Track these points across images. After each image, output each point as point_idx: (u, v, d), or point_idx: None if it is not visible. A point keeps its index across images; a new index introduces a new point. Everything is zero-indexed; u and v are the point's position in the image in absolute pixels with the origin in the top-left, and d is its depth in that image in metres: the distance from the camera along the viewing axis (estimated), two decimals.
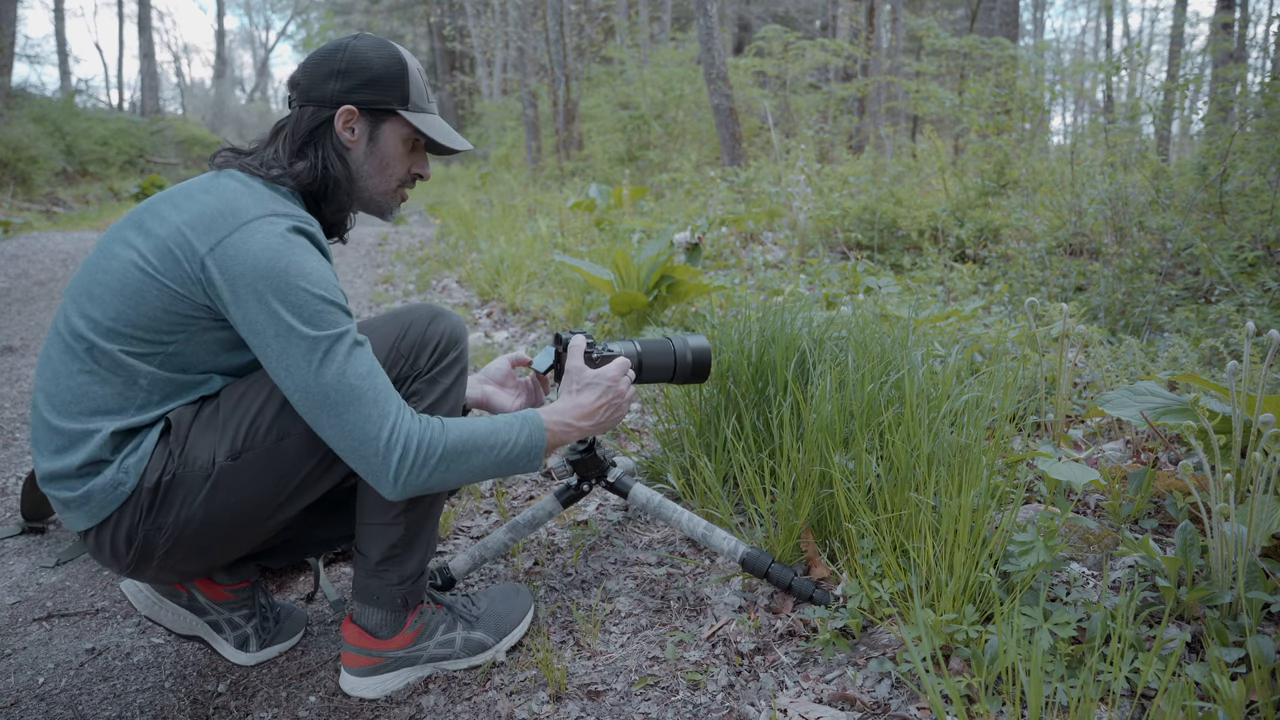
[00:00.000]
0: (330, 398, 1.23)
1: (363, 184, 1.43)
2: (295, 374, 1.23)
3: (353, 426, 1.24)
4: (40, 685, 1.53)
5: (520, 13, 14.02)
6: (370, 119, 1.40)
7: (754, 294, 3.61)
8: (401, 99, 1.40)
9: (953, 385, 1.85)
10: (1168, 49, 16.86)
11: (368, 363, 1.27)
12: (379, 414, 1.25)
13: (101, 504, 1.28)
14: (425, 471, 1.27)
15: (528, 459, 1.39)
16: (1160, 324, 3.42)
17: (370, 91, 1.38)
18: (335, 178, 1.40)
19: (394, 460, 1.25)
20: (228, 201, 1.28)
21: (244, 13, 55.93)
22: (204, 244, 1.24)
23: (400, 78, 1.39)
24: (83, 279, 1.32)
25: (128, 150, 17.14)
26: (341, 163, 1.40)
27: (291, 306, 1.22)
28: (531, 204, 8.98)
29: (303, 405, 1.25)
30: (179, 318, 1.27)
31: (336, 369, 1.23)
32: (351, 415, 1.24)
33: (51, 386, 1.30)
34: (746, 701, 1.37)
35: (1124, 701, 1.26)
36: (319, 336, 1.23)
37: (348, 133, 1.39)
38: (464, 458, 1.31)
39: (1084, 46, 33.28)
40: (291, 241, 1.25)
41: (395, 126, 1.41)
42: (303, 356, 1.22)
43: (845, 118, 12.13)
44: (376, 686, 1.47)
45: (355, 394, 1.24)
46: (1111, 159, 4.79)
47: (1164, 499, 1.75)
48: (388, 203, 1.47)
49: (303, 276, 1.23)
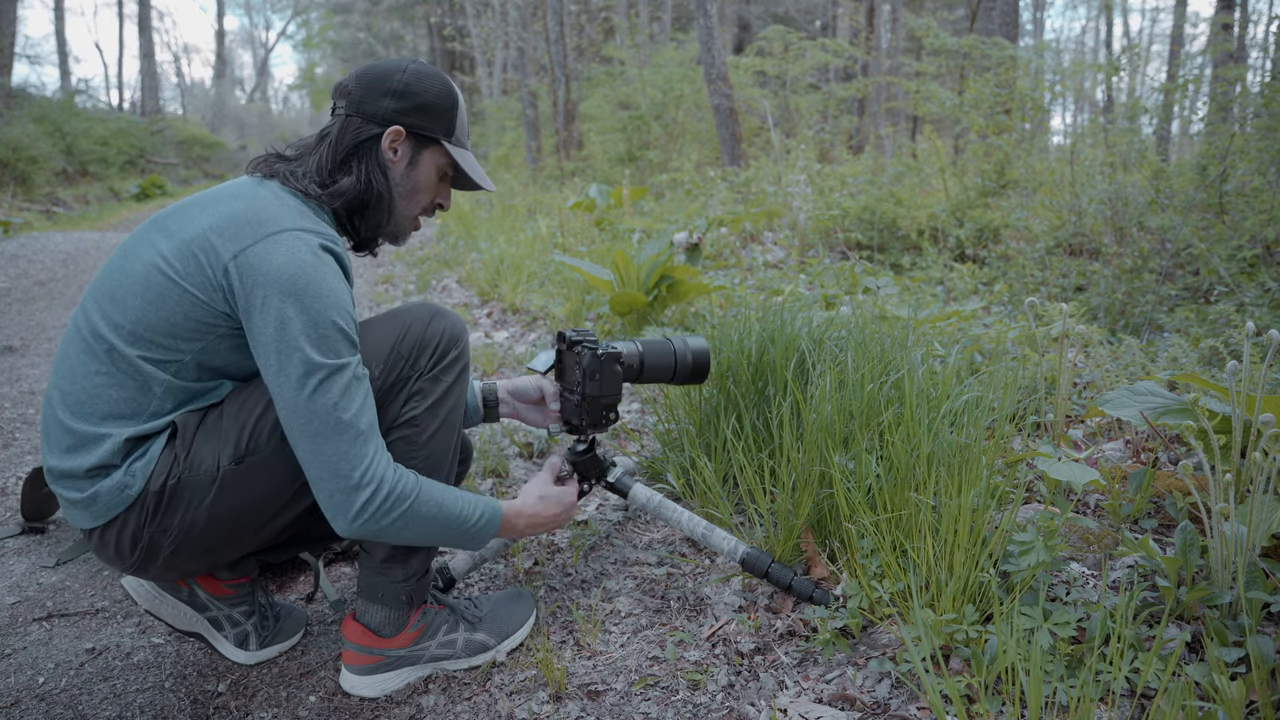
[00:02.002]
0: (313, 425, 1.24)
1: (392, 203, 1.45)
2: (285, 392, 1.23)
3: (327, 457, 1.25)
4: (40, 685, 1.53)
5: (520, 13, 14.01)
6: (414, 143, 1.43)
7: (754, 294, 3.61)
8: (447, 131, 1.44)
9: (953, 385, 1.85)
10: (1168, 49, 16.88)
11: (360, 399, 1.27)
12: (357, 453, 1.25)
13: (108, 506, 1.29)
14: (386, 520, 1.28)
15: (475, 540, 1.43)
16: (1160, 324, 3.43)
17: (421, 117, 1.41)
18: (378, 192, 1.42)
19: (359, 500, 1.25)
20: (257, 210, 1.28)
21: (244, 13, 55.95)
22: (228, 250, 1.24)
23: (450, 110, 1.43)
24: (106, 280, 1.33)
25: (128, 150, 17.16)
26: (384, 179, 1.42)
27: (302, 326, 1.22)
28: (531, 204, 8.97)
29: (287, 423, 1.25)
30: (199, 324, 1.27)
31: (329, 399, 1.23)
32: (329, 448, 1.24)
33: (67, 384, 1.31)
34: (746, 701, 1.37)
35: (1124, 701, 1.26)
36: (320, 363, 1.23)
37: (391, 152, 1.42)
38: (425, 522, 1.33)
39: (1084, 46, 33.28)
40: (319, 259, 1.26)
41: (435, 155, 1.45)
42: (298, 378, 1.22)
43: (845, 118, 12.14)
44: (377, 685, 1.47)
45: (339, 427, 1.24)
46: (1111, 159, 4.79)
47: (1164, 499, 1.75)
48: (406, 227, 1.50)
49: (319, 298, 1.23)
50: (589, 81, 14.19)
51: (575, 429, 1.67)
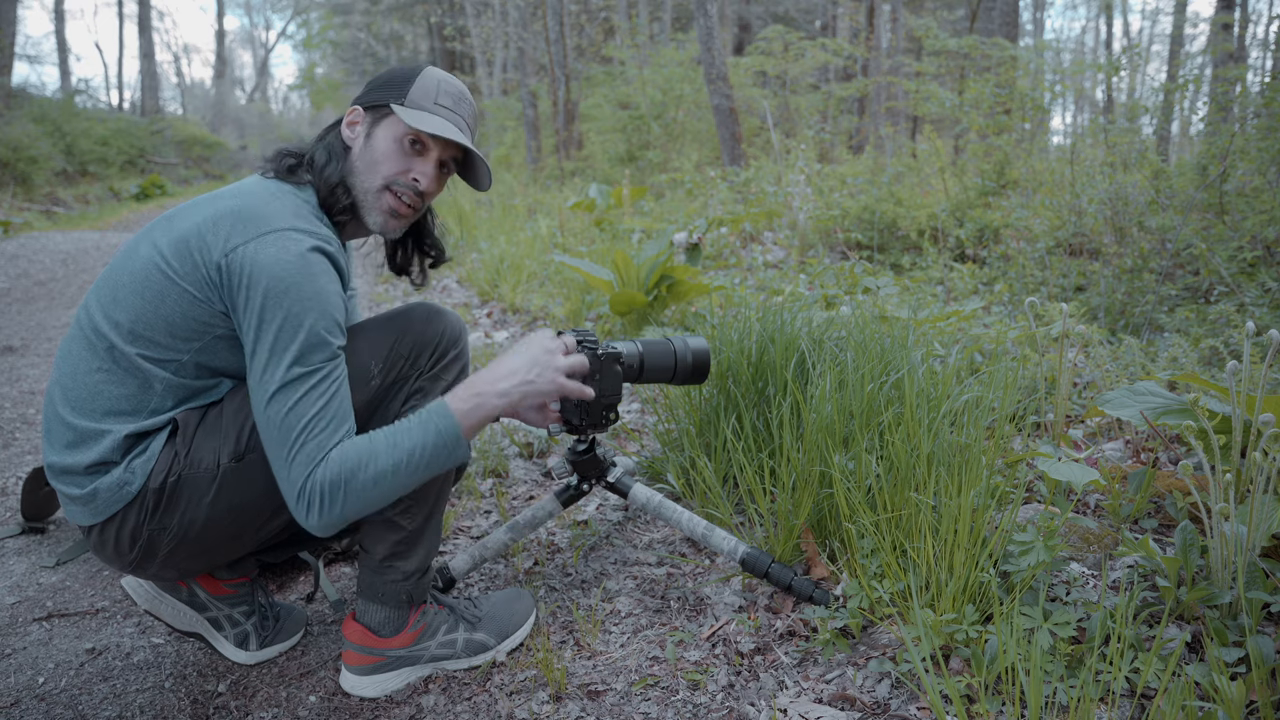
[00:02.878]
0: (271, 430, 1.23)
1: (351, 180, 1.41)
2: (256, 390, 1.24)
3: (278, 462, 1.24)
4: (40, 685, 1.53)
5: (520, 13, 14.01)
6: (371, 117, 1.42)
7: (754, 294, 3.60)
8: (399, 96, 1.39)
9: (952, 385, 1.85)
10: (1168, 49, 16.87)
11: (320, 401, 1.23)
12: (299, 464, 1.22)
13: (107, 502, 1.29)
14: (338, 508, 1.23)
15: (449, 451, 1.29)
16: (1160, 324, 3.43)
17: (377, 93, 1.42)
18: (337, 165, 1.39)
19: (304, 508, 1.23)
20: (252, 208, 1.28)
21: (244, 13, 55.96)
22: (219, 248, 1.24)
23: (407, 80, 1.40)
24: (109, 277, 1.33)
25: (128, 150, 17.16)
26: (345, 154, 1.41)
27: (278, 330, 1.22)
28: (531, 204, 8.97)
29: (258, 420, 1.25)
30: (197, 324, 1.27)
31: (287, 403, 1.22)
32: (276, 453, 1.23)
33: (69, 380, 1.31)
34: (746, 701, 1.37)
35: (1124, 701, 1.26)
36: (288, 373, 1.22)
37: (350, 129, 1.43)
38: (382, 479, 1.24)
39: (1084, 46, 33.27)
40: (307, 260, 1.25)
41: (391, 125, 1.40)
42: (271, 376, 1.22)
43: (845, 118, 12.14)
44: (377, 685, 1.47)
45: (285, 433, 1.22)
46: (1111, 159, 4.79)
47: (1164, 499, 1.75)
48: (371, 203, 1.40)
49: (300, 300, 1.22)
50: (589, 81, 14.18)
51: (575, 429, 1.67)
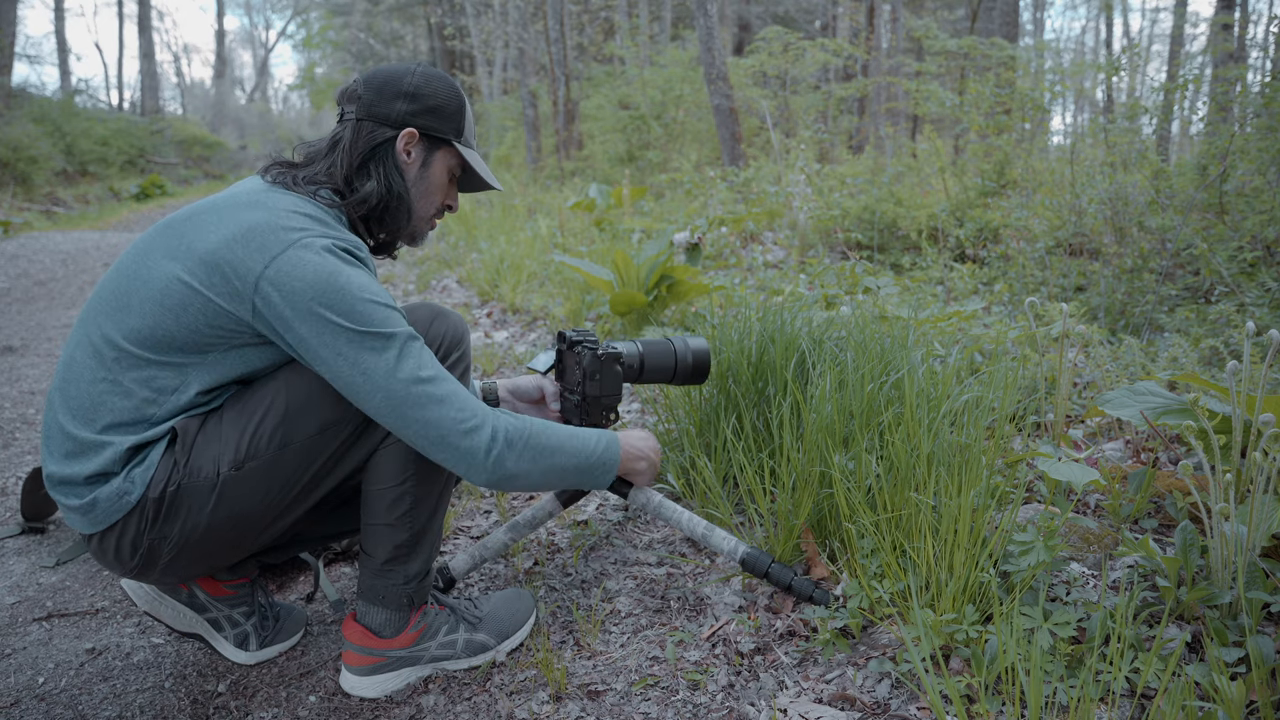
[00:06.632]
0: (411, 397, 1.25)
1: (410, 206, 1.47)
2: (375, 377, 1.24)
3: (437, 421, 1.27)
4: (40, 685, 1.53)
5: (520, 13, 14.00)
6: (427, 145, 1.45)
7: (754, 294, 3.60)
8: (457, 131, 1.46)
9: (952, 385, 1.85)
10: (1168, 49, 16.88)
11: (431, 357, 1.30)
12: (459, 404, 1.28)
13: (106, 512, 1.28)
14: (513, 453, 1.32)
15: (602, 470, 1.47)
16: (1160, 324, 3.43)
17: (432, 119, 1.43)
18: (397, 194, 1.43)
19: (482, 441, 1.29)
20: (278, 219, 1.28)
21: (244, 13, 55.96)
22: (257, 263, 1.23)
23: (459, 112, 1.46)
24: (117, 287, 1.31)
25: (128, 150, 17.16)
26: (401, 180, 1.44)
27: (356, 316, 1.23)
28: (531, 204, 8.97)
29: (385, 406, 1.26)
30: (221, 331, 1.27)
31: (413, 364, 1.26)
32: (434, 412, 1.27)
33: (71, 389, 1.30)
34: (746, 701, 1.37)
35: (1124, 701, 1.26)
36: (393, 334, 1.25)
37: (405, 154, 1.43)
38: (551, 453, 1.37)
39: (1084, 46, 33.29)
40: (341, 258, 1.27)
41: (446, 156, 1.47)
42: (379, 357, 1.24)
43: (845, 118, 12.14)
44: (377, 686, 1.47)
45: (433, 386, 1.27)
46: (1111, 159, 4.79)
47: (1164, 499, 1.75)
48: (423, 229, 1.52)
49: (357, 288, 1.25)
50: (589, 81, 14.18)
51: None
